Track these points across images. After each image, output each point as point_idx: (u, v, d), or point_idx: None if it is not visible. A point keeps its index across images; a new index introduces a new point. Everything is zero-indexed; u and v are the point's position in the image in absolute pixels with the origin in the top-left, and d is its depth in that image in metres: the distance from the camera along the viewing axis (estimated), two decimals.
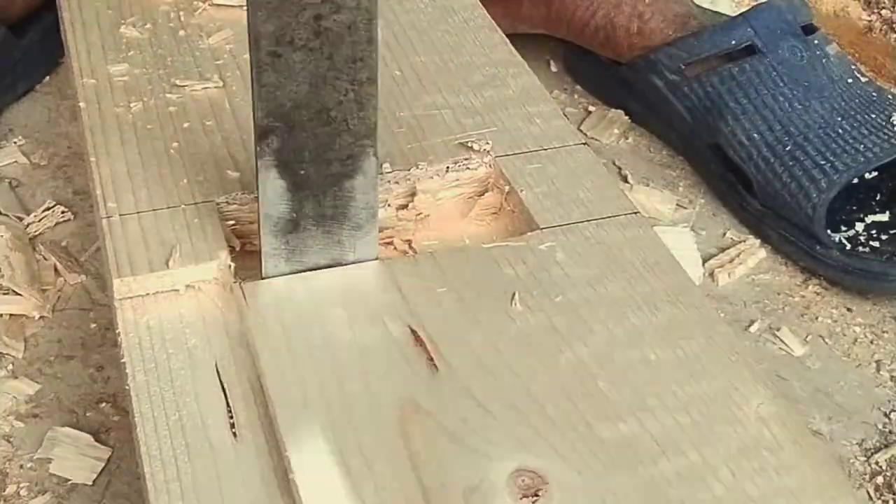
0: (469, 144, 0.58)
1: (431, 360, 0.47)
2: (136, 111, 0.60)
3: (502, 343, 0.48)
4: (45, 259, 0.67)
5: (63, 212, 0.71)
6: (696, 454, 0.44)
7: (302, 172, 0.49)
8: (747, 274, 0.70)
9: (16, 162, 0.74)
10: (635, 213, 0.55)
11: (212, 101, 0.61)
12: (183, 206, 0.54)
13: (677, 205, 0.75)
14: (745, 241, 0.72)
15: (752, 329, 0.67)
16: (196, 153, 0.57)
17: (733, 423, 0.45)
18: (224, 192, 0.55)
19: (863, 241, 0.69)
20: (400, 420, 0.45)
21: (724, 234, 0.73)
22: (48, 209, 0.71)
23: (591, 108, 0.84)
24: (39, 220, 0.70)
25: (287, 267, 0.51)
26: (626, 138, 0.81)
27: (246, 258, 0.54)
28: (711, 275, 0.70)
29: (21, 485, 0.56)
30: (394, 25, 0.67)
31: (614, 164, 0.79)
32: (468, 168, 0.57)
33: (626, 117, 0.82)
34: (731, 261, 0.71)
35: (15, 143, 0.76)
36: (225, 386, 0.47)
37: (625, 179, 0.77)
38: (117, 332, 0.50)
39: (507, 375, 0.46)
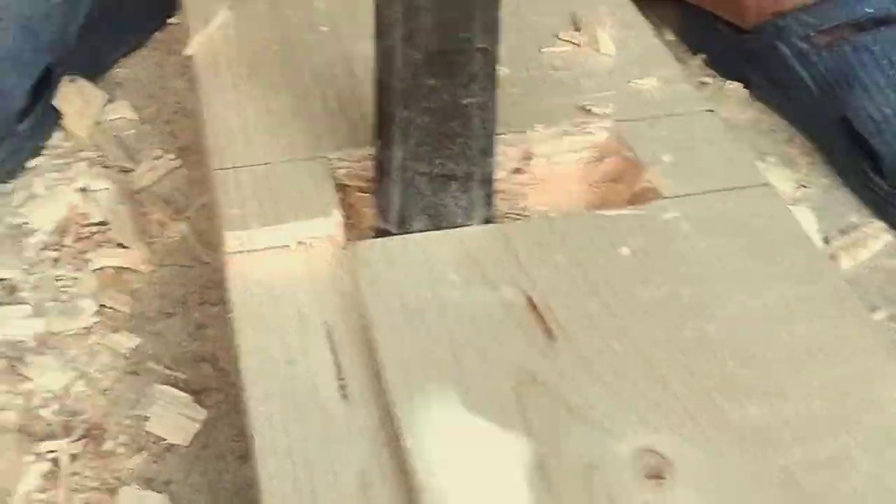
0: (588, 108, 0.55)
1: (548, 329, 0.45)
2: (250, 65, 0.59)
3: (623, 314, 0.46)
4: (149, 211, 0.67)
5: (171, 160, 0.70)
6: (834, 441, 0.41)
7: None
8: (871, 258, 0.67)
9: (124, 117, 0.74)
10: (765, 184, 0.52)
11: (327, 55, 0.59)
12: (296, 160, 0.52)
13: (798, 183, 0.72)
14: (869, 223, 0.69)
15: (876, 317, 0.63)
16: (310, 106, 0.56)
17: (874, 408, 0.42)
18: (337, 147, 0.53)
19: None
20: (516, 390, 0.43)
21: (847, 215, 0.70)
22: (156, 159, 0.70)
23: (707, 80, 0.80)
24: (146, 173, 0.69)
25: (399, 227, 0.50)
26: (744, 112, 0.78)
27: (357, 215, 0.53)
28: (833, 258, 0.67)
29: (118, 441, 0.55)
30: None
31: None
32: (587, 132, 0.55)
33: (745, 90, 0.78)
34: (854, 244, 0.67)
35: (124, 98, 0.76)
36: (335, 346, 0.46)
37: None
38: (226, 286, 0.49)
39: (628, 348, 0.44)
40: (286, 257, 0.49)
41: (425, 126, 0.48)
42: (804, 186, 0.72)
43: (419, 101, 0.47)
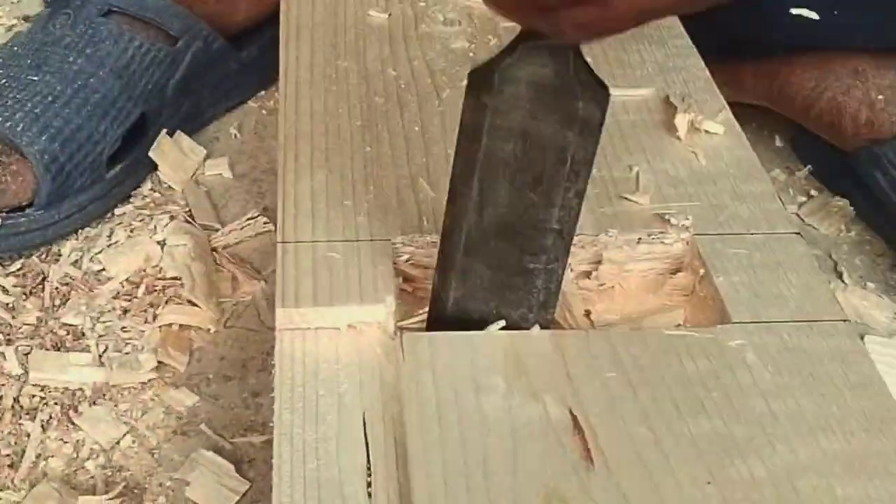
0: (667, 217, 0.53)
1: (588, 452, 0.43)
2: (331, 139, 0.59)
3: (669, 445, 0.43)
4: (225, 271, 0.67)
5: (256, 221, 0.70)
6: None
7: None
8: None
9: (220, 174, 0.74)
10: (845, 321, 0.49)
11: (406, 138, 0.59)
12: (359, 240, 0.51)
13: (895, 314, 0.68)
14: None
15: None
16: (381, 188, 0.55)
17: None
18: (402, 232, 0.52)
19: None
20: None
21: None
22: (242, 218, 0.70)
23: (814, 193, 0.77)
24: (229, 231, 0.70)
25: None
26: (849, 231, 0.74)
27: (413, 302, 0.52)
28: None
29: (157, 502, 0.55)
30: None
31: (831, 257, 0.72)
32: (663, 242, 0.53)
33: (852, 207, 0.75)
34: None
35: (219, 153, 0.76)
36: (369, 439, 0.45)
37: (840, 277, 0.70)
38: (272, 363, 0.48)
39: (669, 483, 0.42)
40: (335, 339, 0.48)
41: (484, 274, 0.48)
42: None
43: (482, 255, 0.47)
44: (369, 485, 0.43)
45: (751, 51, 0.77)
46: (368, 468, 0.43)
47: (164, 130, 0.73)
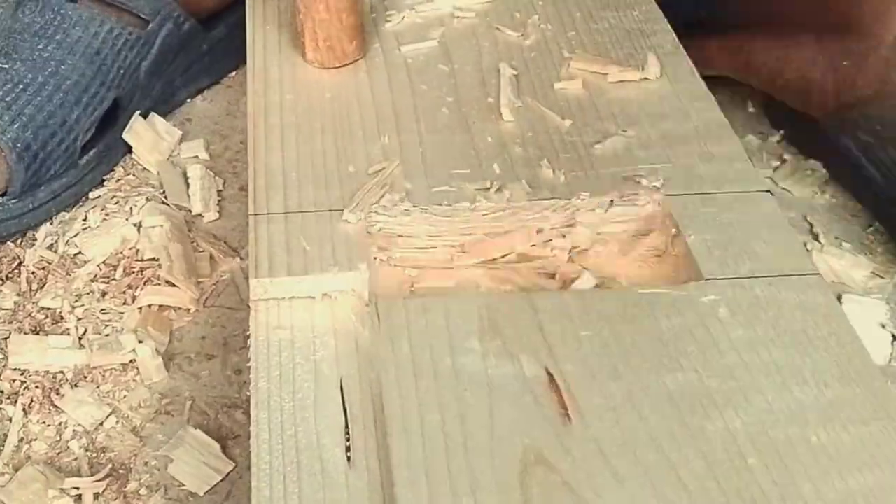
0: (638, 179, 0.54)
1: (565, 409, 0.43)
2: (300, 112, 0.59)
3: (645, 400, 0.43)
4: (202, 251, 0.67)
5: (231, 200, 0.70)
6: None
7: None
8: None
9: (196, 156, 0.74)
10: (815, 274, 0.50)
11: (377, 108, 0.59)
12: (331, 210, 0.52)
13: (872, 272, 0.68)
14: None
15: None
16: (353, 159, 0.55)
17: None
18: (374, 202, 0.52)
19: None
20: (521, 469, 0.41)
21: None
22: (217, 197, 0.70)
23: (787, 157, 0.78)
24: (205, 212, 0.69)
25: None
26: (823, 193, 0.75)
27: (387, 271, 0.52)
28: None
29: (142, 482, 0.55)
30: (573, 43, 0.64)
31: (806, 219, 0.73)
32: (634, 204, 0.53)
33: (825, 170, 0.76)
34: None
35: (194, 135, 0.76)
36: (346, 405, 0.45)
37: (816, 238, 0.71)
38: (247, 334, 0.48)
39: (645, 438, 0.42)
40: (310, 309, 0.48)
41: None
42: (879, 276, 0.68)
43: None
44: (348, 448, 0.43)
45: (716, 25, 0.77)
46: (347, 432, 0.44)
47: (138, 112, 0.73)
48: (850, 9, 0.72)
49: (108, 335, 0.62)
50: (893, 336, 0.64)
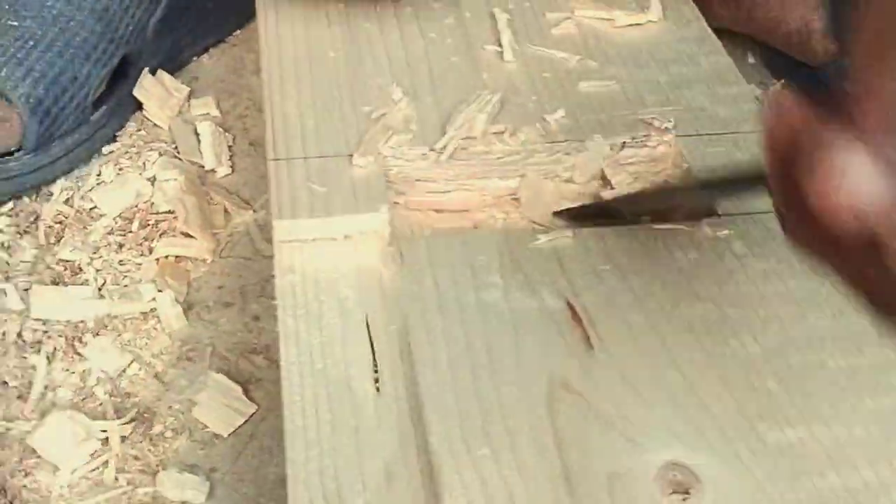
0: (649, 121, 0.55)
1: (587, 337, 0.44)
2: (315, 61, 0.59)
3: (665, 328, 0.45)
4: (216, 204, 0.68)
5: (243, 154, 0.71)
6: (871, 471, 0.40)
7: None
8: None
9: (208, 112, 0.75)
10: None
11: (390, 59, 0.60)
12: (349, 155, 0.52)
13: None
14: None
15: None
16: (368, 104, 0.56)
17: None
18: (392, 146, 0.53)
19: None
20: (548, 396, 0.42)
21: None
22: (229, 152, 0.71)
23: None
24: (218, 166, 0.70)
25: None
26: None
27: (405, 213, 0.53)
28: None
29: (167, 424, 0.56)
30: None
31: None
32: (646, 145, 0.54)
33: None
34: None
35: (202, 92, 0.77)
36: (373, 339, 0.46)
37: None
38: (270, 288, 0.49)
39: (666, 362, 0.43)
40: (333, 249, 0.49)
41: None
42: None
43: None
44: (377, 380, 0.44)
45: None
46: (375, 365, 0.45)
47: (146, 69, 0.74)
48: None
49: (126, 286, 0.63)
50: None
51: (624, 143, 0.54)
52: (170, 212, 0.67)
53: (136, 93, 0.73)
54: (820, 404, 0.42)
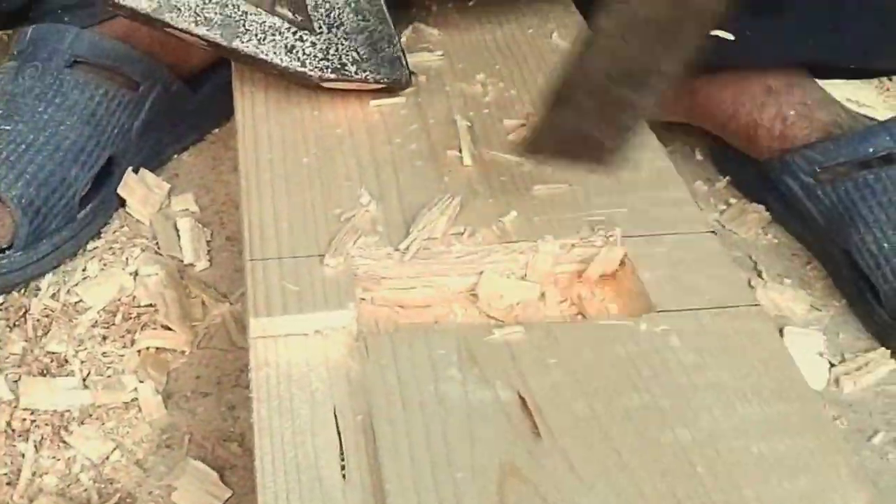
0: (596, 223, 0.60)
1: (535, 426, 0.49)
2: (290, 164, 0.64)
3: (606, 418, 0.49)
4: (194, 297, 0.72)
5: (220, 250, 0.75)
6: None
7: None
8: (876, 384, 0.69)
9: (187, 209, 0.80)
10: (755, 305, 0.56)
11: (358, 159, 0.65)
12: (320, 255, 0.57)
13: (811, 306, 0.75)
14: (875, 349, 0.71)
15: (875, 440, 0.66)
16: (339, 206, 0.61)
17: None
18: (360, 247, 0.58)
19: None
20: (499, 481, 0.46)
21: (856, 340, 0.72)
22: (207, 248, 0.76)
23: (733, 201, 0.84)
24: (196, 261, 0.75)
25: None
26: (766, 234, 0.81)
27: (372, 309, 0.57)
28: (837, 381, 0.69)
29: None
30: (533, 95, 0.70)
31: (751, 258, 0.79)
32: (593, 245, 0.59)
33: (767, 213, 0.82)
34: (858, 369, 0.70)
35: (182, 188, 0.82)
36: (340, 429, 0.50)
37: (759, 275, 0.77)
38: (245, 378, 0.53)
39: (607, 450, 0.48)
40: (304, 344, 0.54)
41: None
42: (817, 309, 0.75)
43: None
44: (343, 468, 0.48)
45: None
46: (342, 453, 0.49)
47: (130, 168, 0.78)
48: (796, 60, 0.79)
49: (110, 376, 0.67)
50: (830, 363, 0.70)
51: (573, 243, 0.59)
52: (151, 305, 0.71)
53: (121, 191, 0.78)
54: (744, 488, 0.46)
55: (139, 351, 0.68)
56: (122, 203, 0.79)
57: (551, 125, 0.56)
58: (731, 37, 0.79)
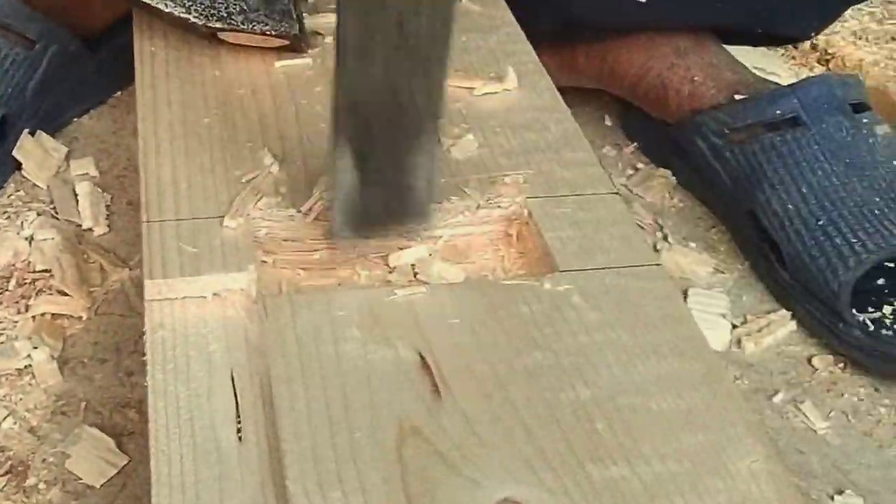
0: (501, 183, 0.59)
1: (436, 386, 0.48)
2: (189, 126, 0.63)
3: (507, 376, 0.49)
4: (93, 262, 0.70)
5: (120, 214, 0.73)
6: (684, 502, 0.44)
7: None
8: (776, 344, 0.70)
9: (87, 172, 0.77)
10: (657, 265, 0.56)
11: (261, 120, 0.63)
12: (220, 217, 0.56)
13: (715, 269, 0.76)
14: (777, 311, 0.72)
15: (776, 400, 0.66)
16: (239, 167, 0.59)
17: (724, 476, 0.45)
18: (261, 208, 0.57)
19: (888, 324, 0.67)
20: (398, 440, 0.46)
21: (758, 302, 0.73)
22: (106, 212, 0.74)
23: (640, 166, 0.85)
24: (94, 225, 0.73)
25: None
26: (672, 198, 0.82)
27: (273, 272, 0.56)
28: (739, 342, 0.70)
29: (40, 477, 0.58)
30: None
31: (657, 222, 0.80)
32: (499, 206, 0.58)
33: (674, 178, 0.83)
34: (760, 330, 0.71)
35: (81, 152, 0.79)
36: (237, 391, 0.49)
37: (665, 238, 0.78)
38: (143, 331, 0.52)
39: (506, 407, 0.47)
40: (202, 307, 0.52)
41: None
42: (721, 272, 0.76)
43: None
44: (239, 430, 0.47)
45: (583, 34, 0.84)
46: (238, 416, 0.48)
47: (26, 131, 0.76)
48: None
49: (2, 342, 0.64)
50: (733, 325, 0.71)
51: (478, 204, 0.59)
52: (47, 270, 0.69)
53: (16, 153, 0.75)
54: (642, 444, 0.46)
55: (34, 317, 0.66)
56: (18, 166, 0.76)
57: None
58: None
